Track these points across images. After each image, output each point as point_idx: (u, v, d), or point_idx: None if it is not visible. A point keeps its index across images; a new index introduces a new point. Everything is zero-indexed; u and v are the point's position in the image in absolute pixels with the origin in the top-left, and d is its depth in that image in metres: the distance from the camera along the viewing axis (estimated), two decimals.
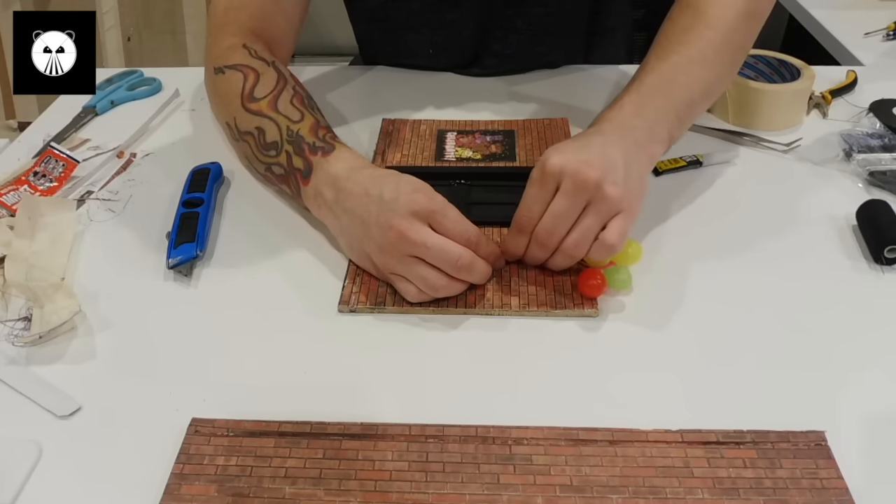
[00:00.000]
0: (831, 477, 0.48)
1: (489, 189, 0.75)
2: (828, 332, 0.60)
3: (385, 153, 0.81)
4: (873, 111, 0.87)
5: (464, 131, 0.85)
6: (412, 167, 0.76)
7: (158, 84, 0.97)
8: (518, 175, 0.67)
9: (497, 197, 0.73)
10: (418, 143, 0.83)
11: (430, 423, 0.52)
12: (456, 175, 0.76)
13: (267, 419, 0.52)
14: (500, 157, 0.81)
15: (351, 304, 0.62)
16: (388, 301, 0.62)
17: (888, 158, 0.79)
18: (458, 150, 0.81)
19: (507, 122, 0.87)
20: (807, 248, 0.68)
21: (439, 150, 0.82)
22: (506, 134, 0.85)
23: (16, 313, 0.62)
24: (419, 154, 0.81)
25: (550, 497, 0.47)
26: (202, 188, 0.74)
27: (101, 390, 0.56)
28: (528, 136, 0.84)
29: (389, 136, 0.84)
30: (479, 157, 0.80)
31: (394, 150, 0.81)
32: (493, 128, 0.86)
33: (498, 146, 0.82)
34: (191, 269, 0.66)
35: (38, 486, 0.49)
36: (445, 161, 0.80)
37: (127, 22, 1.71)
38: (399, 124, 0.86)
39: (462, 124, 0.87)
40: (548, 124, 0.86)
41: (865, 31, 1.13)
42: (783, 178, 0.78)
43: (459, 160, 0.80)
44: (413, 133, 0.84)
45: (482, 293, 0.63)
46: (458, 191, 0.74)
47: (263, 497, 0.47)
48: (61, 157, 0.79)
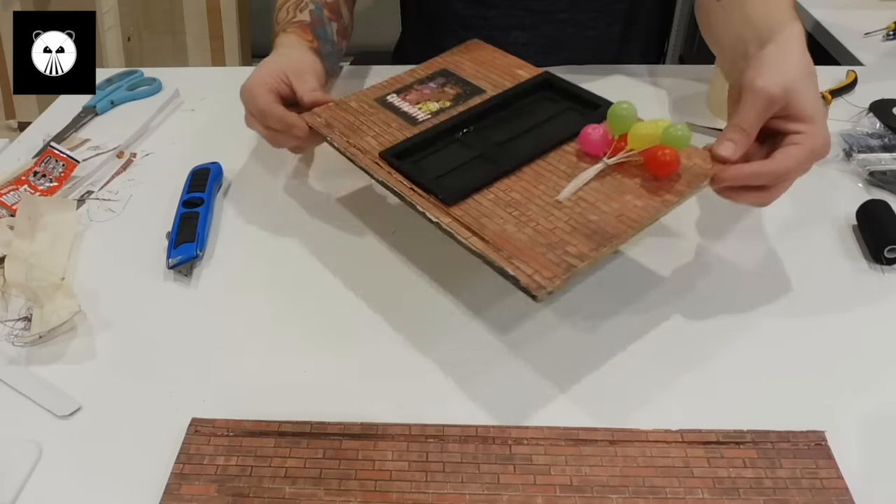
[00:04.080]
0: (831, 477, 0.48)
1: (501, 122, 0.67)
2: (828, 332, 0.60)
3: (355, 143, 0.67)
4: (873, 111, 0.87)
5: (401, 90, 0.74)
6: (408, 141, 0.65)
7: (158, 84, 0.97)
8: (518, 95, 0.66)
9: (519, 126, 0.67)
10: (374, 118, 0.70)
11: (430, 423, 0.52)
12: (456, 127, 0.67)
13: (267, 419, 0.52)
14: (469, 95, 0.71)
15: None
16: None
17: (888, 158, 0.79)
18: (423, 106, 0.71)
19: (428, 64, 0.77)
20: (807, 248, 0.68)
21: (404, 116, 0.69)
22: (443, 74, 0.75)
23: (16, 313, 0.62)
24: (389, 128, 0.68)
25: (550, 497, 0.47)
26: (202, 188, 0.74)
27: (101, 390, 0.56)
28: (463, 66, 0.75)
29: (331, 126, 0.69)
30: (449, 105, 0.70)
31: (359, 136, 0.67)
32: (424, 74, 0.76)
33: (452, 87, 0.73)
34: (191, 269, 0.66)
35: (38, 486, 0.49)
36: (422, 125, 0.68)
37: (127, 22, 1.71)
38: (330, 111, 0.72)
39: (387, 86, 0.75)
40: (468, 48, 0.78)
41: (865, 31, 1.13)
42: None
43: (435, 115, 0.69)
44: (353, 114, 0.71)
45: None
46: (474, 140, 0.66)
47: (263, 497, 0.47)
48: (61, 157, 0.79)
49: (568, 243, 0.53)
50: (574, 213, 0.55)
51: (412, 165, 0.63)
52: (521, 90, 0.67)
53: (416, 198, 0.59)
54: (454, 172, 0.62)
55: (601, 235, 0.53)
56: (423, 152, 0.65)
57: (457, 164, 0.63)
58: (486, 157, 0.63)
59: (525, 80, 0.71)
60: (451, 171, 0.62)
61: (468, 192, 0.58)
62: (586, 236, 0.53)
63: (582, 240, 0.53)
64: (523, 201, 0.57)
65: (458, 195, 0.58)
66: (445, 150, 0.65)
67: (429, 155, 0.65)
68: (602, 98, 0.67)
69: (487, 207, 0.57)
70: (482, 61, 0.75)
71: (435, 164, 0.63)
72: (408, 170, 0.61)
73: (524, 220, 0.55)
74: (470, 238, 0.54)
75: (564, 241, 0.53)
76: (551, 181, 0.59)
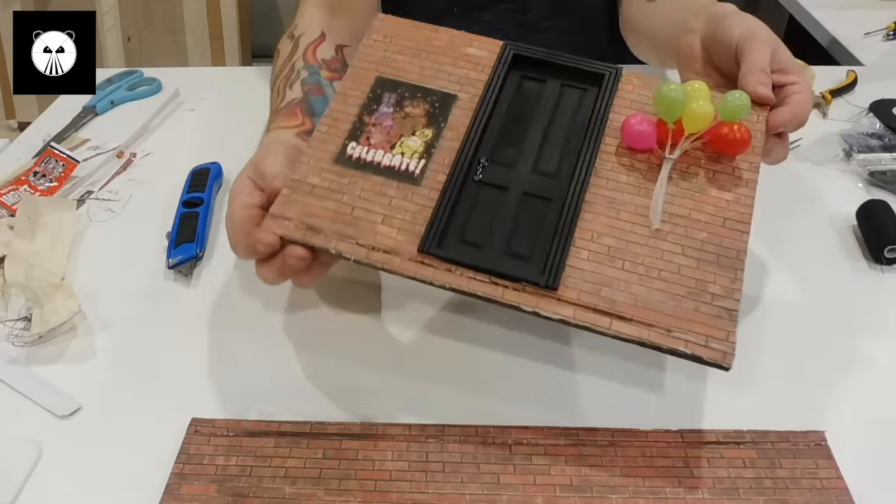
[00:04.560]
0: (831, 477, 0.48)
1: (508, 137, 0.54)
2: (828, 331, 0.60)
3: (368, 242, 0.49)
4: (873, 111, 0.87)
5: (355, 132, 0.54)
6: (436, 216, 0.49)
7: (158, 84, 0.97)
8: (499, 89, 0.54)
9: (531, 134, 0.54)
10: (356, 192, 0.51)
11: (430, 423, 0.52)
12: (469, 167, 0.52)
13: (267, 419, 0.52)
14: (443, 110, 0.54)
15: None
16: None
17: (888, 158, 0.79)
18: (403, 149, 0.53)
19: (353, 74, 0.57)
20: (807, 248, 0.68)
21: (391, 174, 0.52)
22: (384, 86, 0.56)
23: (16, 313, 0.62)
24: (390, 202, 0.50)
25: (550, 497, 0.47)
26: (202, 188, 0.74)
27: (101, 390, 0.56)
28: (398, 64, 0.57)
29: (315, 228, 0.50)
30: (431, 134, 0.53)
31: (363, 229, 0.50)
32: (361, 93, 0.56)
33: (413, 104, 0.55)
34: (191, 269, 0.66)
35: (38, 486, 0.49)
36: (426, 180, 0.51)
37: (127, 22, 1.71)
38: (293, 203, 0.51)
39: (331, 132, 0.54)
40: (384, 34, 0.59)
41: (865, 31, 1.13)
42: (783, 178, 0.78)
43: (427, 156, 0.52)
44: (325, 195, 0.51)
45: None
46: (497, 174, 0.52)
47: (263, 497, 0.47)
48: (61, 157, 0.79)
49: (706, 283, 0.46)
50: (681, 238, 0.48)
51: (466, 249, 0.48)
52: (499, 82, 0.55)
53: (511, 295, 0.46)
54: (517, 235, 0.49)
55: (727, 257, 0.47)
56: (459, 222, 0.50)
57: (508, 220, 0.50)
58: (531, 193, 0.51)
59: (492, 64, 0.56)
60: (512, 234, 0.49)
61: (559, 259, 0.47)
62: (715, 264, 0.47)
63: (715, 270, 0.47)
64: (621, 245, 0.48)
65: (556, 269, 0.47)
66: (479, 205, 0.51)
67: (467, 223, 0.50)
68: (595, 63, 0.56)
69: (592, 271, 0.47)
70: (417, 49, 0.58)
71: (484, 232, 0.49)
72: (469, 259, 0.47)
73: (643, 272, 0.47)
74: (613, 325, 0.45)
75: (701, 281, 0.47)
76: (626, 202, 0.50)
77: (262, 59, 1.83)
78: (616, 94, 0.55)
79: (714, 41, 0.60)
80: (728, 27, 0.58)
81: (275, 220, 0.50)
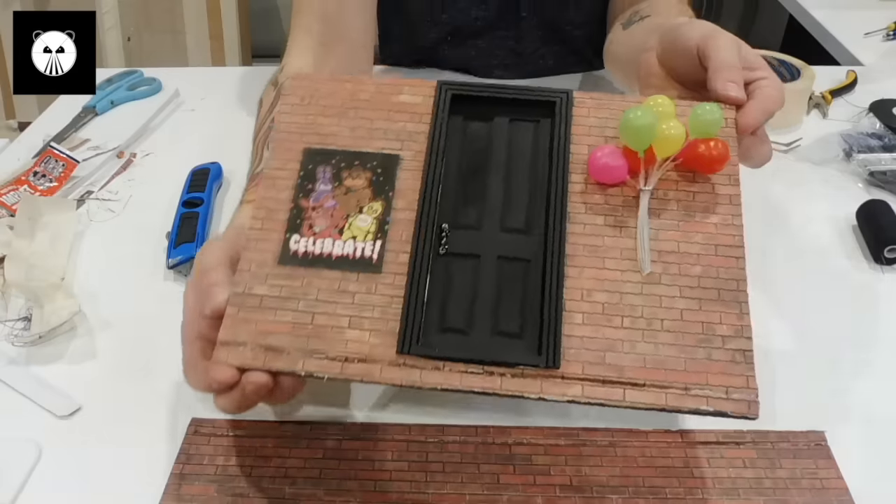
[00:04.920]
0: (831, 477, 0.48)
1: (466, 194, 0.48)
2: (828, 331, 0.60)
3: (338, 353, 0.43)
4: (873, 111, 0.87)
5: (295, 223, 0.47)
6: (409, 308, 0.44)
7: (158, 84, 0.97)
8: (444, 137, 0.49)
9: (491, 185, 0.49)
10: (313, 294, 0.45)
11: (430, 424, 0.52)
12: (430, 238, 0.46)
13: (267, 419, 0.52)
14: (387, 175, 0.48)
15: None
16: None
17: (888, 158, 0.79)
18: (353, 232, 0.46)
19: (278, 145, 0.50)
20: (807, 247, 0.68)
21: (348, 265, 0.45)
22: (314, 158, 0.49)
23: (16, 313, 0.62)
24: (352, 299, 0.45)
25: (550, 497, 0.47)
26: (202, 188, 0.74)
27: (101, 390, 0.56)
28: (323, 128, 0.50)
29: (277, 350, 0.44)
30: (381, 208, 0.47)
31: (330, 340, 0.44)
32: (292, 169, 0.49)
33: (353, 176, 0.48)
34: (191, 269, 0.66)
35: (38, 486, 0.49)
36: (387, 264, 0.45)
37: (127, 22, 1.71)
38: (240, 322, 0.44)
39: (268, 228, 0.47)
40: (296, 92, 0.51)
41: (865, 31, 1.13)
42: (783, 178, 0.78)
43: (382, 234, 0.46)
44: (278, 306, 0.45)
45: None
46: (462, 241, 0.47)
47: (263, 497, 0.47)
48: (61, 157, 0.79)
49: (712, 325, 0.43)
50: (676, 278, 0.45)
51: (450, 339, 0.44)
52: (443, 131, 0.49)
53: (511, 383, 0.42)
54: (502, 310, 0.45)
55: (728, 290, 0.44)
56: (436, 308, 0.45)
57: (488, 293, 0.45)
58: (505, 257, 0.46)
59: (430, 111, 0.50)
60: (496, 310, 0.45)
61: (555, 331, 0.43)
62: (717, 301, 0.44)
63: (719, 308, 0.44)
64: (615, 299, 0.44)
65: (554, 345, 0.43)
66: (453, 282, 0.46)
67: (445, 307, 0.45)
68: (541, 90, 0.51)
69: (591, 336, 0.43)
70: (342, 108, 0.50)
71: (465, 313, 0.45)
72: (456, 351, 0.43)
73: (645, 326, 0.43)
74: (626, 395, 0.42)
75: (707, 324, 0.43)
76: (609, 248, 0.46)
77: (262, 59, 1.84)
78: (572, 122, 0.49)
79: (672, 50, 0.57)
80: (685, 33, 0.55)
81: (227, 349, 0.43)
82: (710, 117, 0.46)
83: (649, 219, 0.46)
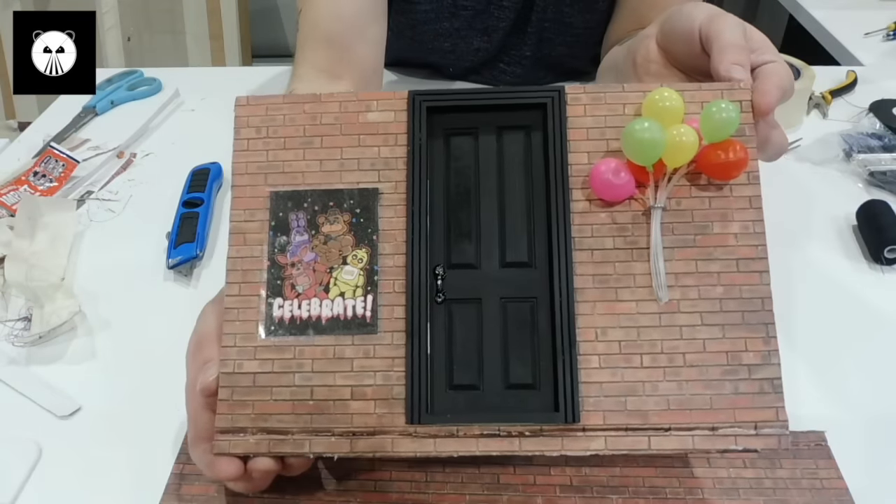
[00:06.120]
0: (831, 477, 0.48)
1: (458, 227, 0.44)
2: (828, 332, 0.60)
3: (346, 427, 0.41)
4: (873, 111, 0.87)
5: (275, 280, 0.43)
6: (413, 369, 0.41)
7: (158, 84, 0.97)
8: (425, 161, 0.44)
9: (484, 213, 0.44)
10: (308, 364, 0.42)
11: None
12: (424, 283, 0.42)
13: None
14: (367, 212, 0.44)
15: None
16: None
17: (888, 158, 0.79)
18: (340, 286, 0.43)
19: (245, 195, 0.45)
20: (807, 248, 0.68)
21: (339, 326, 0.42)
22: (286, 204, 0.44)
23: (16, 313, 0.62)
24: (349, 364, 0.42)
25: (550, 497, 0.47)
26: (202, 188, 0.74)
27: (101, 390, 0.56)
28: (290, 164, 0.45)
29: (283, 432, 0.42)
30: (366, 255, 0.43)
31: (333, 415, 0.41)
32: (261, 217, 0.44)
33: (330, 220, 0.44)
34: (191, 269, 0.66)
35: (38, 486, 0.49)
36: (381, 319, 0.42)
37: (127, 22, 1.71)
38: (232, 404, 0.42)
39: (241, 287, 0.44)
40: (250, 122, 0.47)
41: (865, 31, 1.13)
42: (783, 179, 0.78)
43: (372, 287, 0.43)
44: (272, 384, 0.42)
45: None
46: (460, 282, 0.43)
47: (263, 497, 0.47)
48: (61, 157, 0.79)
49: (738, 353, 0.41)
50: (696, 304, 0.41)
51: (461, 398, 0.41)
52: (422, 153, 0.44)
53: (530, 443, 0.40)
54: (512, 359, 0.42)
55: (752, 311, 0.41)
56: (442, 366, 0.42)
57: (495, 342, 0.42)
58: (509, 298, 0.42)
59: (406, 130, 0.44)
60: (506, 360, 0.42)
61: (572, 380, 0.40)
62: (742, 326, 0.41)
63: (744, 334, 0.41)
64: (632, 336, 0.41)
65: (572, 396, 0.40)
66: (456, 334, 0.42)
67: (451, 363, 0.42)
68: (528, 90, 0.45)
69: (609, 381, 0.40)
70: (305, 136, 0.45)
71: (474, 368, 0.42)
72: (469, 414, 0.41)
73: (667, 363, 0.40)
74: (652, 443, 0.39)
75: (732, 353, 0.41)
76: (622, 276, 0.42)
77: (262, 59, 1.84)
78: (567, 125, 0.44)
79: (672, 32, 0.53)
80: (687, 15, 0.52)
81: (227, 437, 0.41)
82: (725, 115, 0.41)
83: (662, 236, 0.42)
